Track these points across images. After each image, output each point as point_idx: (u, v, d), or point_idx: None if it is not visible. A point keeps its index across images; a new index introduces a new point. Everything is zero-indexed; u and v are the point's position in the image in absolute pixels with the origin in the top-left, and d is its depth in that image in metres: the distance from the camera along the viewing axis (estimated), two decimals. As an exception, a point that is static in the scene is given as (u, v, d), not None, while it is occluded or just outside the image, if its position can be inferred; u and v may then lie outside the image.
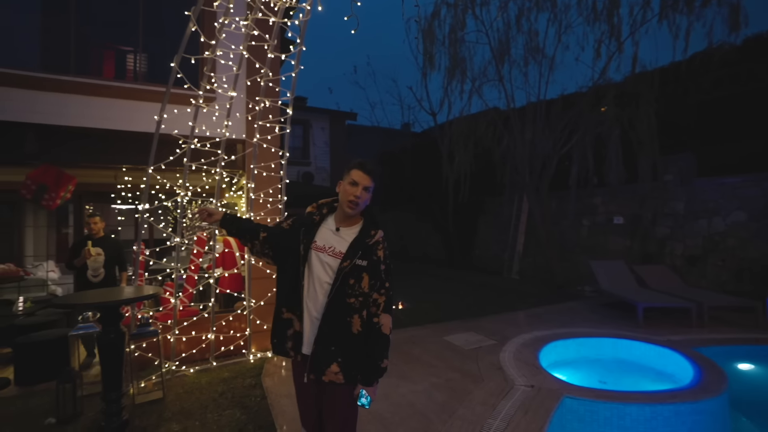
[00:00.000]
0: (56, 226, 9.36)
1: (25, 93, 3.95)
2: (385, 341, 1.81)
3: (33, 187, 3.98)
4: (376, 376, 1.80)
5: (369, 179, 1.84)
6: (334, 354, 1.74)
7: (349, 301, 1.76)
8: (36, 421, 3.35)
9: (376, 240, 1.83)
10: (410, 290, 9.09)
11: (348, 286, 1.75)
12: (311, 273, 1.81)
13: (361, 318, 1.78)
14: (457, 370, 4.22)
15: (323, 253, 1.81)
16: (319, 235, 1.86)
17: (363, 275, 1.76)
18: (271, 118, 4.22)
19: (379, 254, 1.83)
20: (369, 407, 1.82)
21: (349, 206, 1.81)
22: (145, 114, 4.33)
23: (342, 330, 1.76)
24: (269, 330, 4.77)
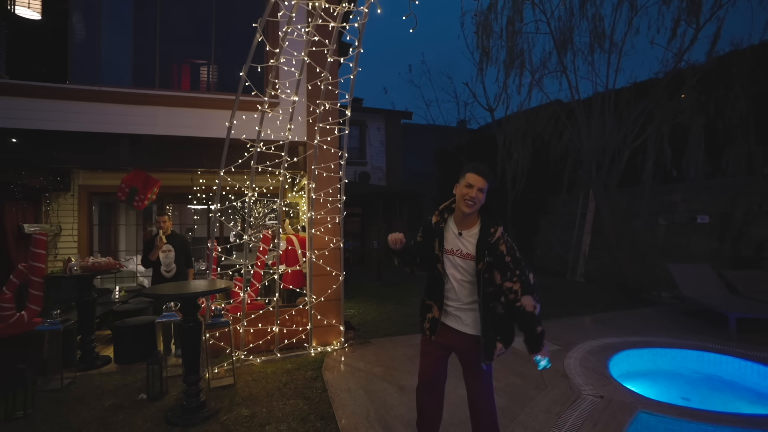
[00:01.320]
0: (142, 225, 10.51)
1: (120, 107, 4.48)
2: (531, 316, 2.02)
3: (126, 189, 4.49)
4: (537, 341, 2.04)
5: (483, 180, 2.03)
6: (494, 336, 2.07)
7: (488, 291, 2.05)
8: (131, 395, 3.79)
9: (497, 237, 2.03)
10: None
11: (484, 281, 2.03)
12: (448, 272, 2.15)
13: (500, 303, 2.08)
14: (518, 375, 4.07)
15: (452, 255, 2.13)
16: (446, 239, 2.16)
17: (493, 270, 2.02)
18: (331, 120, 4.37)
19: (502, 249, 2.02)
20: (550, 366, 2.09)
21: (467, 206, 2.03)
22: (216, 121, 4.69)
23: (493, 316, 2.08)
24: (329, 325, 4.96)
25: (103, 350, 4.93)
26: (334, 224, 4.83)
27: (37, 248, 4.31)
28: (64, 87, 4.45)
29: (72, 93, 4.42)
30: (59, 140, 4.47)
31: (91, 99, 4.45)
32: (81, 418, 3.37)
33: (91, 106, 4.46)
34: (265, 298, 4.99)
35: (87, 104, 4.46)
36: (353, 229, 14.00)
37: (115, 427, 3.22)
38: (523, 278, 2.03)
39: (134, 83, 4.84)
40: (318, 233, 4.73)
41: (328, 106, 4.16)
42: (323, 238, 4.80)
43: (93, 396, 3.79)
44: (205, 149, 4.74)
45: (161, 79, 4.79)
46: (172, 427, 3.18)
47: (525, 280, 2.03)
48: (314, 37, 3.47)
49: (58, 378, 4.05)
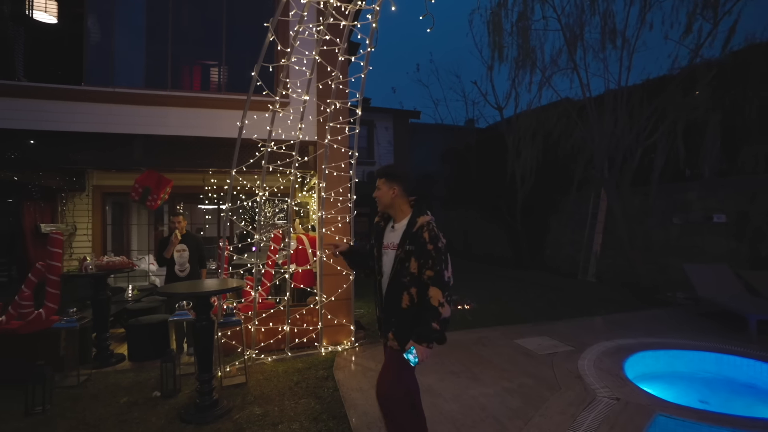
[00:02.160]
0: (153, 224, 10.64)
1: (133, 108, 4.53)
2: (433, 311, 2.00)
3: (140, 189, 4.54)
4: (425, 335, 2.01)
5: (379, 179, 2.24)
6: (392, 324, 2.15)
7: (403, 281, 2.10)
8: (145, 392, 3.83)
9: (420, 225, 2.10)
10: (476, 290, 8.85)
11: (403, 268, 2.10)
12: (383, 269, 2.24)
13: (409, 295, 2.09)
14: (530, 376, 4.02)
15: (387, 249, 2.24)
16: (385, 236, 2.28)
17: (411, 258, 2.07)
18: (341, 120, 4.37)
19: (425, 237, 2.06)
20: (414, 365, 2.06)
21: (377, 204, 2.25)
22: (227, 121, 4.72)
23: (397, 305, 2.12)
24: (340, 324, 4.96)
25: (117, 348, 4.99)
26: (344, 223, 4.82)
27: (54, 247, 4.38)
28: (79, 89, 4.51)
29: (86, 94, 4.49)
30: (74, 141, 4.54)
31: (104, 100, 4.51)
32: (97, 415, 3.41)
33: (104, 108, 4.52)
34: (275, 298, 5.01)
35: (101, 105, 4.52)
36: (362, 228, 14.01)
37: (131, 423, 3.26)
38: (437, 269, 2.04)
39: (146, 84, 4.89)
40: (329, 232, 4.73)
41: (339, 105, 4.16)
42: (334, 238, 4.79)
43: (108, 393, 3.84)
44: (216, 149, 4.77)
45: (173, 80, 4.84)
46: (186, 425, 3.21)
47: (439, 272, 2.04)
48: (325, 35, 3.47)
49: (75, 375, 4.11)
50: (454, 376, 4.07)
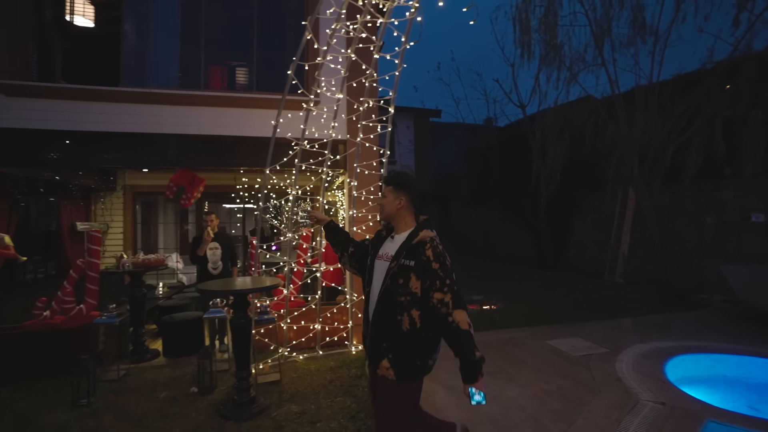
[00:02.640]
0: (179, 223, 10.86)
1: (168, 108, 4.62)
2: (466, 337, 1.80)
3: (174, 188, 4.62)
4: (474, 370, 1.80)
5: (386, 187, 2.03)
6: (385, 350, 1.85)
7: (399, 300, 1.83)
8: (182, 388, 3.89)
9: (420, 240, 1.86)
10: (501, 291, 8.74)
11: (398, 285, 1.83)
12: (373, 280, 1.99)
13: (410, 316, 1.82)
14: (567, 377, 3.93)
15: (380, 259, 1.99)
16: (382, 246, 2.04)
17: (411, 275, 1.82)
18: (374, 118, 4.35)
19: (428, 254, 1.83)
20: (485, 402, 1.81)
21: (379, 213, 2.07)
22: (259, 120, 4.77)
23: (392, 328, 1.84)
24: (368, 324, 4.95)
25: (151, 344, 5.10)
26: (375, 222, 4.81)
27: (92, 245, 4.50)
28: (117, 90, 4.62)
29: (123, 95, 4.59)
30: (111, 141, 4.64)
31: (140, 101, 4.61)
32: (139, 408, 3.48)
33: (140, 108, 4.62)
34: (306, 296, 5.03)
35: (137, 106, 4.62)
36: None
37: (172, 418, 3.32)
38: (453, 289, 1.81)
39: (180, 85, 4.98)
40: (359, 231, 4.73)
41: (372, 103, 4.14)
42: (364, 237, 4.78)
43: (147, 388, 3.92)
44: (247, 148, 4.82)
45: (205, 80, 4.91)
46: (226, 421, 3.24)
47: (457, 293, 1.82)
48: (362, 33, 3.46)
49: (115, 369, 4.22)
50: (489, 376, 4.00)
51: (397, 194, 1.98)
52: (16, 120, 4.31)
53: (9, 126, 4.31)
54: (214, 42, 5.08)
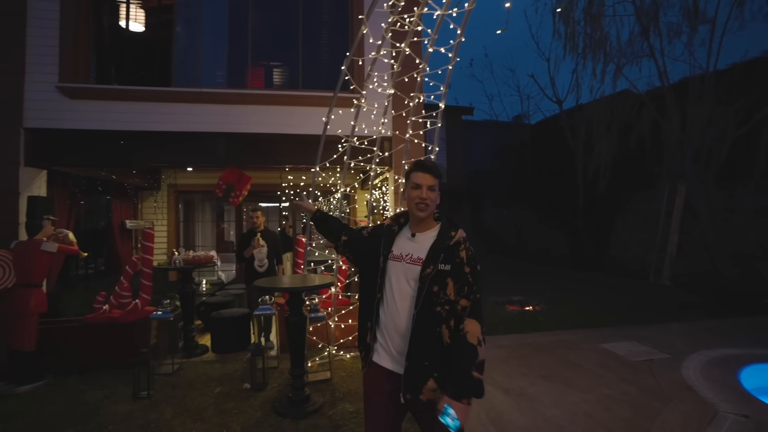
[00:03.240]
0: (216, 221, 11.12)
1: (217, 107, 4.68)
2: (471, 351, 1.52)
3: (224, 186, 4.68)
4: (466, 390, 1.49)
5: (431, 177, 1.68)
6: (428, 369, 1.58)
7: (436, 311, 1.59)
8: (235, 384, 3.93)
9: (457, 240, 1.64)
10: (539, 291, 8.48)
11: (433, 294, 1.59)
12: (390, 285, 1.70)
13: (449, 328, 1.60)
14: (631, 383, 3.72)
15: (401, 262, 1.69)
16: (396, 244, 1.74)
17: (447, 281, 1.59)
18: (425, 113, 4.26)
19: (462, 256, 1.63)
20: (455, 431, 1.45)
21: (419, 209, 1.67)
22: (305, 118, 4.77)
23: (433, 343, 1.60)
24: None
25: (199, 339, 5.19)
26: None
27: (146, 241, 4.61)
28: (169, 90, 4.72)
29: (175, 95, 4.69)
30: (162, 140, 4.75)
31: (191, 100, 4.69)
32: (197, 403, 3.53)
33: (190, 107, 4.70)
34: (353, 295, 5.00)
35: (187, 105, 4.71)
36: None
37: (230, 414, 3.34)
38: (475, 298, 1.60)
39: (228, 85, 5.04)
40: (406, 229, 4.65)
41: (422, 98, 4.06)
42: (410, 234, 4.71)
43: (201, 382, 3.98)
44: (293, 146, 4.83)
45: (251, 79, 4.96)
46: (282, 419, 3.24)
47: (476, 302, 1.60)
48: (418, 26, 3.37)
49: (169, 363, 4.31)
50: (545, 380, 3.85)
51: (439, 187, 1.71)
52: (77, 121, 4.47)
53: (71, 127, 4.47)
54: (259, 42, 5.13)
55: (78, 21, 4.60)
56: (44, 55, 4.47)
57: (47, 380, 4.00)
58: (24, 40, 4.45)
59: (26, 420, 3.29)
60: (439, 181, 1.68)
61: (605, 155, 8.78)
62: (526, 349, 4.75)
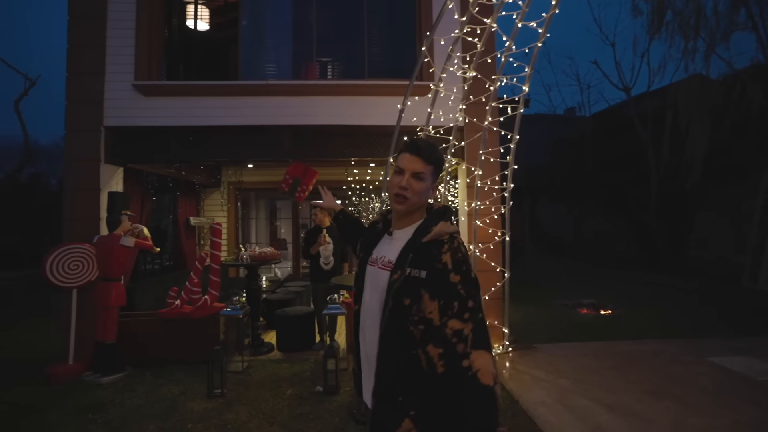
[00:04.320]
0: (269, 219, 11.29)
1: (283, 99, 4.58)
2: (487, 396, 1.07)
3: (290, 180, 4.57)
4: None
5: (420, 161, 1.23)
6: (403, 407, 1.15)
7: (410, 330, 1.16)
8: (305, 386, 3.77)
9: (435, 236, 1.17)
10: (608, 294, 7.79)
11: (404, 308, 1.16)
12: (364, 296, 1.33)
13: (426, 355, 1.15)
14: (764, 408, 3.15)
15: (375, 266, 1.30)
16: (377, 245, 1.36)
17: (422, 293, 1.14)
18: (506, 98, 3.89)
19: (445, 260, 1.15)
20: None
21: (396, 200, 1.24)
22: (374, 108, 4.55)
23: (409, 371, 1.16)
24: (490, 326, 4.51)
25: (264, 337, 5.13)
26: (499, 215, 4.36)
27: (215, 237, 4.60)
28: (236, 84, 4.68)
29: (242, 89, 4.63)
30: (228, 134, 4.71)
31: (257, 93, 4.62)
32: (270, 405, 3.40)
33: (256, 101, 4.63)
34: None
35: (253, 99, 4.64)
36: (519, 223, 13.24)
37: (306, 419, 3.17)
38: (479, 317, 1.13)
39: (293, 77, 4.94)
40: (482, 225, 4.30)
41: (505, 81, 3.69)
42: (486, 231, 4.35)
43: (272, 382, 3.87)
44: (360, 138, 4.63)
45: (316, 70, 4.82)
46: (363, 427, 3.01)
47: (481, 322, 1.13)
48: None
49: (238, 360, 4.25)
50: (652, 397, 3.37)
51: (434, 178, 1.28)
52: (150, 118, 4.54)
53: (145, 124, 4.55)
54: (323, 31, 4.98)
55: (151, 21, 4.68)
56: (121, 55, 4.57)
57: (127, 372, 4.06)
58: (105, 42, 4.57)
59: (112, 412, 3.32)
60: (433, 168, 1.25)
61: (698, 144, 7.84)
62: (615, 359, 4.24)
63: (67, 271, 4.10)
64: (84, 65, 4.51)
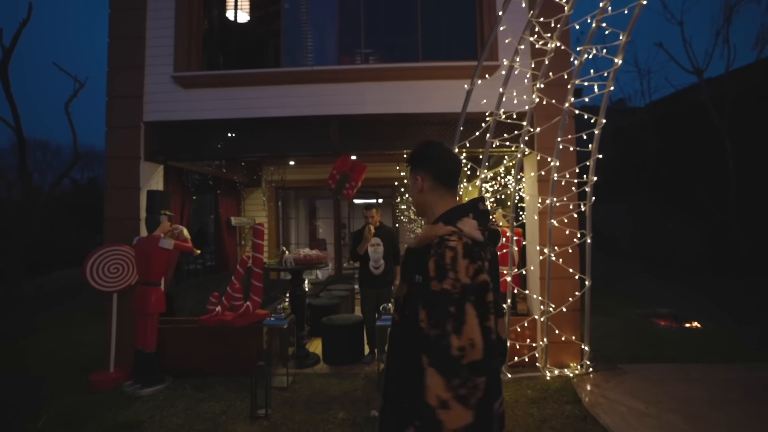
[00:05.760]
0: (308, 219, 11.05)
1: (330, 87, 4.17)
2: (428, 417, 1.00)
3: (337, 176, 4.16)
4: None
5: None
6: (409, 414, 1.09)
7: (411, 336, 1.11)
8: (358, 407, 3.34)
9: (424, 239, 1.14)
10: (682, 302, 6.86)
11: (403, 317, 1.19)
12: None
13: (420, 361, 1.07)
14: None
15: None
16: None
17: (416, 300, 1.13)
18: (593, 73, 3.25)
19: (429, 266, 1.08)
20: None
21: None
22: (430, 93, 4.06)
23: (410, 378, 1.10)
24: (567, 342, 3.89)
25: (308, 346, 4.76)
26: (578, 213, 3.73)
27: (257, 238, 4.26)
28: (278, 71, 4.33)
29: (284, 76, 4.27)
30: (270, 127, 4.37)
31: (301, 81, 4.24)
32: (320, 430, 2.99)
33: (300, 89, 4.26)
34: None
35: (297, 87, 4.26)
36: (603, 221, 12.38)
37: (364, 451, 2.72)
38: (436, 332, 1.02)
39: (340, 62, 4.53)
40: (558, 225, 3.68)
41: (595, 51, 3.06)
42: (563, 231, 3.73)
43: (320, 402, 3.45)
44: (416, 127, 4.14)
45: (368, 54, 4.38)
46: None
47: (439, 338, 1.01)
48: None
49: (283, 374, 3.89)
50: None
51: (414, 174, 1.28)
52: (190, 111, 4.29)
53: (185, 118, 4.30)
54: (373, 8, 4.52)
55: (191, 11, 4.44)
56: (161, 46, 4.35)
57: (167, 383, 3.80)
58: (145, 33, 4.36)
59: (150, 430, 3.02)
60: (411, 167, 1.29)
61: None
62: (731, 389, 3.47)
63: (107, 275, 3.90)
64: (124, 59, 4.32)
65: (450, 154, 1.28)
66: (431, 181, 1.25)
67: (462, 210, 1.17)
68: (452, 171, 1.26)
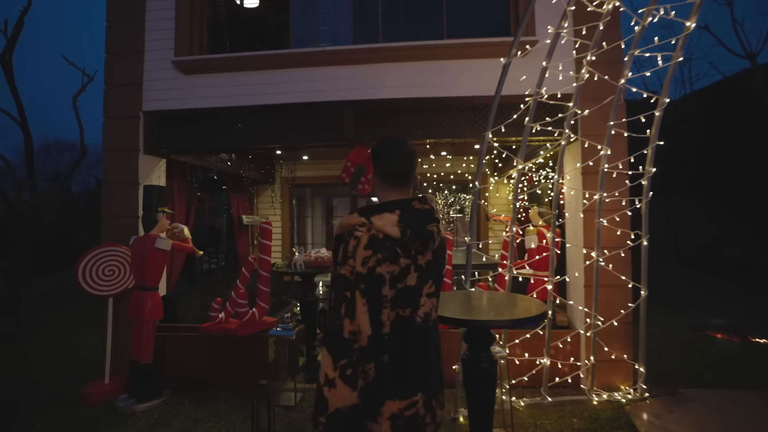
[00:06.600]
0: (325, 217, 10.68)
1: (345, 70, 3.74)
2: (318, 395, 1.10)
3: (352, 169, 3.73)
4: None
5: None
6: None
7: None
8: None
9: (340, 232, 1.21)
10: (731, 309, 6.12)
11: None
12: None
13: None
14: None
15: None
16: None
17: None
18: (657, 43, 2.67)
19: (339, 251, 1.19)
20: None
21: None
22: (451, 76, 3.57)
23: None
24: (617, 360, 3.32)
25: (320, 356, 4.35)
26: (629, 210, 3.17)
27: (264, 239, 3.86)
28: (287, 52, 3.90)
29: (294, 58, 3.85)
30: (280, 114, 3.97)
31: (312, 63, 3.82)
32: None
33: (312, 72, 3.84)
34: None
35: (308, 70, 3.85)
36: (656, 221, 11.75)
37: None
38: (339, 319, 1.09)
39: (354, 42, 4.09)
40: (608, 225, 3.13)
41: (663, 12, 2.50)
42: (614, 232, 3.17)
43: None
44: (441, 113, 3.65)
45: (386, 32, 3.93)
46: None
47: (331, 320, 1.12)
48: None
49: (290, 390, 3.49)
50: None
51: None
52: (193, 99, 3.95)
53: (187, 106, 3.96)
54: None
55: (193, 0, 4.08)
56: (161, 29, 4.02)
57: (164, 398, 3.46)
58: (144, 16, 4.04)
59: (138, 457, 2.67)
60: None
61: None
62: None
63: (102, 278, 3.59)
64: (123, 44, 4.00)
65: (398, 152, 1.27)
66: (378, 179, 1.30)
67: (387, 206, 1.19)
68: (396, 171, 1.26)
